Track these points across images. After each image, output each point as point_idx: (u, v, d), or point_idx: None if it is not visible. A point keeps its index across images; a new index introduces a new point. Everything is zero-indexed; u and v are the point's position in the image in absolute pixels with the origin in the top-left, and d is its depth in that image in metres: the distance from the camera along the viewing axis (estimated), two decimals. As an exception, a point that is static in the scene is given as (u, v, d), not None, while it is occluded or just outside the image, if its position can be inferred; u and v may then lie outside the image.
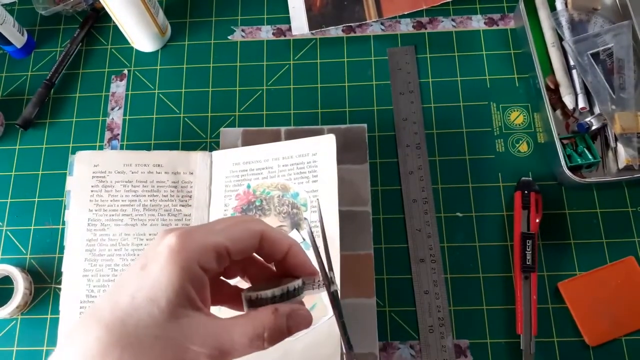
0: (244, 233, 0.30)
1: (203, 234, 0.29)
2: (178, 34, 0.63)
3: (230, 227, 0.30)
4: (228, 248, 0.29)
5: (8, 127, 0.60)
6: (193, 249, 0.28)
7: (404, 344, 0.50)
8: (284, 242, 0.32)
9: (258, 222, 0.31)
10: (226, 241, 0.29)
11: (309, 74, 0.60)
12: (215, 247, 0.29)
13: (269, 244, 0.31)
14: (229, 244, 0.29)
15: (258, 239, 0.31)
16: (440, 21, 0.61)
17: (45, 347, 0.52)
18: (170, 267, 0.27)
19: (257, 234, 0.31)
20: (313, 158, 0.52)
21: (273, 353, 0.48)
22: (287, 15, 0.63)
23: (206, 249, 0.28)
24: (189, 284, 0.27)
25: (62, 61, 0.61)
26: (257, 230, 0.31)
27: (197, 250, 0.28)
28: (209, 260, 0.28)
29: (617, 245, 0.52)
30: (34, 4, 0.63)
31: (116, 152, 0.56)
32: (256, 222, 0.31)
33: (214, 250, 0.28)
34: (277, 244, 0.32)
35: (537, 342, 0.49)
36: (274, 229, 0.32)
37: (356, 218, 0.53)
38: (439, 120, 0.57)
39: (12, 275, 0.52)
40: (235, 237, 0.30)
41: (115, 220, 0.52)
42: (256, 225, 0.31)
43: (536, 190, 0.52)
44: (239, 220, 0.31)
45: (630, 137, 0.52)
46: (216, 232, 0.29)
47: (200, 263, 0.28)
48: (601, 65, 0.55)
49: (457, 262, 0.52)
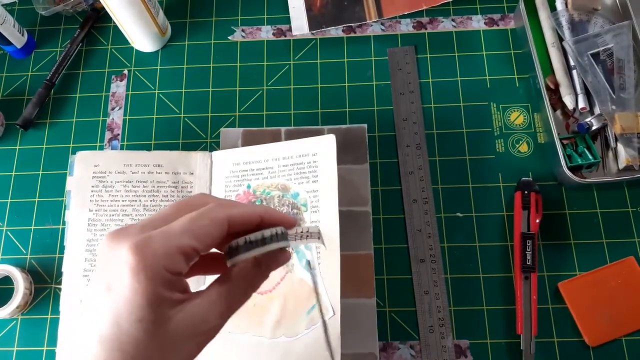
0: (209, 227, 0.28)
1: (164, 240, 0.27)
2: (178, 34, 0.63)
3: (193, 223, 0.28)
4: (195, 247, 0.27)
5: (8, 127, 0.60)
6: (155, 262, 0.26)
7: (404, 344, 0.50)
8: (254, 215, 0.30)
9: (221, 208, 0.29)
10: (192, 241, 0.27)
11: (309, 74, 0.60)
12: (181, 250, 0.27)
13: (239, 225, 0.30)
14: (195, 243, 0.27)
15: (225, 226, 0.29)
16: (441, 21, 0.61)
17: (45, 347, 0.52)
18: (138, 285, 0.26)
19: (223, 223, 0.29)
20: (313, 158, 0.52)
21: (273, 353, 0.48)
22: (287, 16, 0.63)
23: (171, 256, 0.27)
24: (162, 289, 0.26)
25: (63, 61, 0.61)
26: (222, 218, 0.29)
27: (161, 260, 0.26)
28: (176, 264, 0.27)
29: (617, 246, 0.52)
30: (34, 4, 0.63)
31: (116, 152, 0.56)
32: (219, 208, 0.29)
33: (180, 254, 0.27)
34: (246, 221, 0.30)
35: (537, 342, 0.49)
36: (238, 207, 0.30)
37: (356, 218, 0.53)
38: (439, 121, 0.57)
39: (12, 275, 0.52)
40: (201, 233, 0.28)
41: (116, 220, 0.52)
42: (220, 213, 0.29)
43: (536, 190, 0.52)
44: (201, 213, 0.28)
45: (630, 137, 0.52)
46: (179, 234, 0.27)
47: (168, 269, 0.26)
48: (601, 65, 0.55)
49: (457, 262, 0.52)
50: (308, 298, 0.48)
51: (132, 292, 0.26)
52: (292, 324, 0.47)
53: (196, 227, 0.28)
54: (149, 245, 0.26)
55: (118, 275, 0.26)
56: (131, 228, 0.28)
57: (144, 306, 0.26)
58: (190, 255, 0.28)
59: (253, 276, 0.31)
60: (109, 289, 0.26)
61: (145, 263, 0.26)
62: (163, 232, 0.27)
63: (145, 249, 0.26)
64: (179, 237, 0.27)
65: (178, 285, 0.28)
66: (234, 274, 0.30)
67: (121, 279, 0.26)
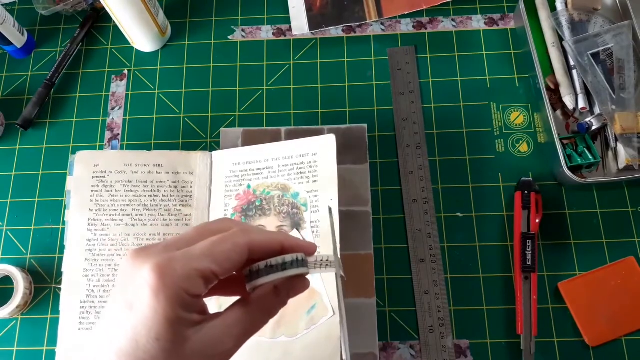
0: (230, 252, 0.29)
1: (184, 262, 0.27)
2: (178, 34, 0.63)
3: (214, 247, 0.28)
4: (214, 271, 0.28)
5: (8, 127, 0.60)
6: (176, 283, 0.27)
7: (404, 344, 0.50)
8: (275, 243, 0.31)
9: (243, 234, 0.30)
10: (212, 265, 0.28)
11: (309, 74, 0.60)
12: (201, 274, 0.27)
13: (260, 252, 0.30)
14: (215, 267, 0.28)
15: (246, 253, 0.29)
16: (441, 21, 0.61)
17: (45, 347, 0.52)
18: (157, 304, 0.26)
19: (244, 248, 0.29)
20: (313, 158, 0.52)
21: (273, 353, 0.48)
22: (287, 15, 0.63)
23: (190, 278, 0.27)
24: (181, 310, 0.27)
25: (63, 61, 0.61)
26: (243, 244, 0.29)
27: (181, 282, 0.27)
28: (196, 286, 0.27)
29: (617, 246, 0.52)
30: (34, 4, 0.63)
31: (116, 152, 0.56)
32: (241, 234, 0.30)
33: (200, 277, 0.27)
34: (267, 247, 0.30)
35: (537, 342, 0.49)
36: (260, 233, 0.30)
37: (356, 218, 0.53)
38: (439, 120, 0.57)
39: (12, 275, 0.52)
40: (221, 258, 0.28)
41: (116, 220, 0.52)
42: (241, 239, 0.29)
43: (536, 190, 0.52)
44: (223, 238, 0.29)
45: (630, 137, 0.52)
46: (199, 257, 0.28)
47: (187, 291, 0.27)
48: (601, 65, 0.55)
49: (457, 262, 0.52)
50: (308, 298, 0.48)
51: (152, 311, 0.26)
52: (292, 323, 0.47)
53: (217, 251, 0.28)
54: (170, 267, 0.27)
55: (139, 294, 0.27)
56: (154, 247, 0.28)
57: (162, 325, 0.26)
58: (210, 279, 0.28)
59: (271, 302, 0.31)
60: (129, 306, 0.27)
61: (165, 284, 0.26)
62: (184, 254, 0.28)
63: (166, 270, 0.27)
64: (199, 261, 0.28)
65: (197, 306, 0.28)
66: (252, 299, 0.31)
67: (142, 298, 0.27)
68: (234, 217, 0.52)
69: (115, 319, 0.27)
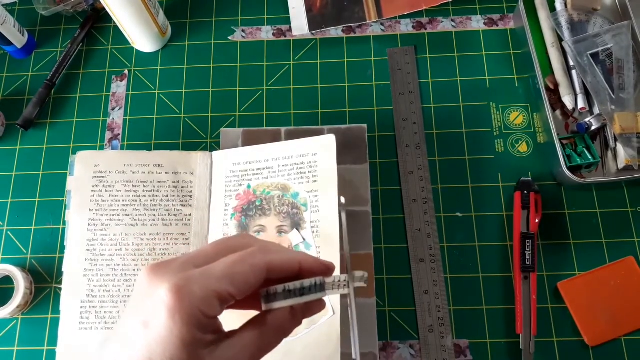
0: (247, 274, 0.28)
1: (203, 283, 0.27)
2: (178, 34, 0.63)
3: (232, 268, 0.28)
4: (232, 293, 0.28)
5: (9, 127, 0.60)
6: (192, 304, 0.27)
7: (403, 344, 0.50)
8: (293, 262, 0.31)
9: (262, 254, 0.29)
10: (229, 287, 0.28)
11: (309, 74, 0.60)
12: (218, 295, 0.27)
13: (278, 272, 0.30)
14: (233, 289, 0.28)
15: (264, 275, 0.29)
16: (440, 21, 0.62)
17: (45, 347, 0.52)
18: (173, 325, 0.26)
19: (262, 270, 0.29)
20: (313, 158, 0.52)
21: (273, 353, 0.48)
22: (287, 16, 0.63)
23: (208, 300, 0.27)
24: (196, 330, 0.27)
25: (63, 61, 0.61)
26: (261, 266, 0.29)
27: (197, 303, 0.27)
28: (212, 308, 0.27)
29: (616, 245, 0.52)
30: (34, 4, 0.63)
31: (117, 152, 0.56)
32: (260, 254, 0.29)
33: (216, 298, 0.27)
34: (285, 268, 0.30)
35: (536, 342, 0.49)
36: (278, 253, 0.30)
37: (356, 218, 0.53)
38: (439, 121, 0.57)
39: (12, 275, 0.52)
40: (239, 280, 0.28)
41: (116, 220, 0.52)
42: (260, 260, 0.29)
43: (536, 190, 0.52)
44: (241, 258, 0.29)
45: (630, 137, 0.52)
46: (217, 278, 0.28)
47: (204, 312, 0.27)
48: (601, 65, 0.55)
49: (457, 262, 0.52)
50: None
51: (168, 331, 0.26)
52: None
53: (235, 273, 0.28)
54: (188, 288, 0.27)
55: (155, 313, 0.27)
56: (172, 263, 0.28)
57: (177, 346, 0.26)
58: (227, 300, 0.28)
59: (287, 323, 0.31)
60: (145, 325, 0.27)
61: (182, 305, 0.26)
62: (202, 274, 0.28)
63: (184, 291, 0.27)
64: (217, 282, 0.28)
65: (212, 326, 0.28)
66: (268, 319, 0.31)
67: (158, 317, 0.27)
68: (234, 217, 0.52)
69: (130, 336, 0.27)
